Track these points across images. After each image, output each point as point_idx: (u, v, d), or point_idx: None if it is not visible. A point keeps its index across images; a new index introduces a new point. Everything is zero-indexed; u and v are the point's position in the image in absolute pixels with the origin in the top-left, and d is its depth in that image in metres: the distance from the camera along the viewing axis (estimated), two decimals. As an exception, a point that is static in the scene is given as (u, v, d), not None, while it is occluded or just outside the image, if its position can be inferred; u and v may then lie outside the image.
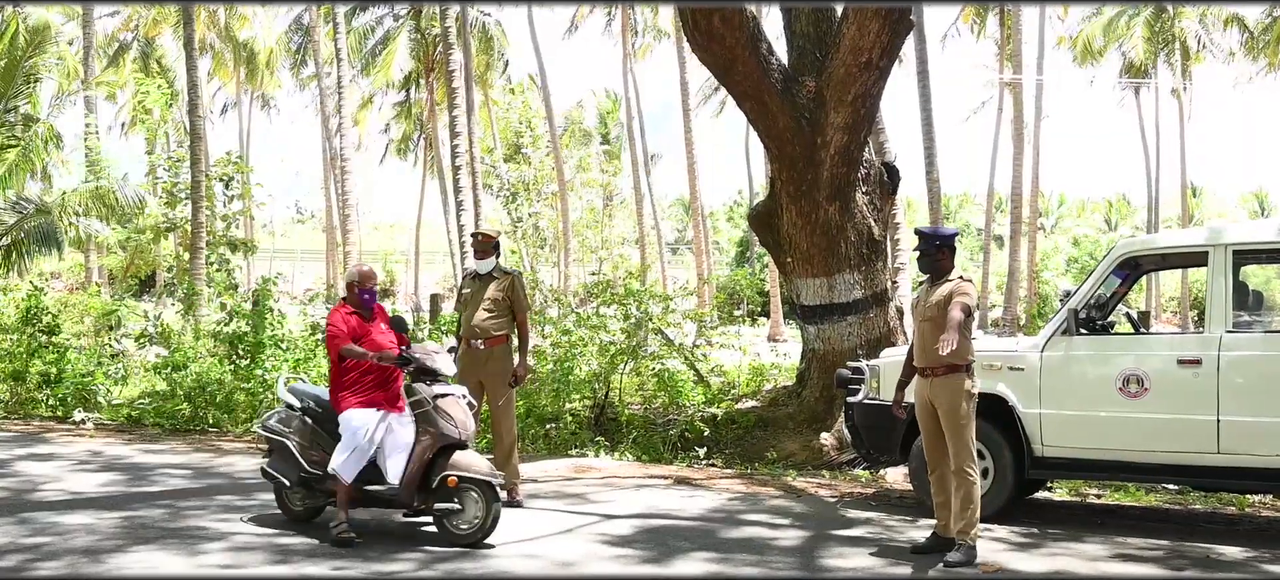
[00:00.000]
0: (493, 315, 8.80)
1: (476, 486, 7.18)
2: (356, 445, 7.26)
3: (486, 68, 43.15)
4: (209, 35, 44.25)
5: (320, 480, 7.52)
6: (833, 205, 11.73)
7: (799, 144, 11.51)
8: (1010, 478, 8.34)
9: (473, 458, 7.30)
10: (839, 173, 11.66)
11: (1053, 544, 7.72)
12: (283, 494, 7.94)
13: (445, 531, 7.24)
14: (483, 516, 7.17)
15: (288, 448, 7.69)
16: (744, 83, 11.51)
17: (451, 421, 7.27)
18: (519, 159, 41.73)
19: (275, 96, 53.06)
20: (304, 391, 8.03)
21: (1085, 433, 8.14)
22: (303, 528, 7.74)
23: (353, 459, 7.26)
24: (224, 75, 49.18)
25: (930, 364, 7.21)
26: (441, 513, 7.23)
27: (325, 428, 7.62)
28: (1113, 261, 8.39)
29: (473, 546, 7.15)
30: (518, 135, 42.13)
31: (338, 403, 7.47)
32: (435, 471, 7.23)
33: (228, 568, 6.68)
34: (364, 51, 40.01)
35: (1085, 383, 8.17)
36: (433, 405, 7.28)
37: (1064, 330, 8.23)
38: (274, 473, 7.82)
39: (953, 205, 76.03)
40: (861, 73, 11.22)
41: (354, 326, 7.54)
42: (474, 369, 8.80)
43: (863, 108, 11.53)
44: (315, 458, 7.56)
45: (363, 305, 7.68)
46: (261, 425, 8.12)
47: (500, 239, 9.19)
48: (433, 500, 7.26)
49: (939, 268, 7.37)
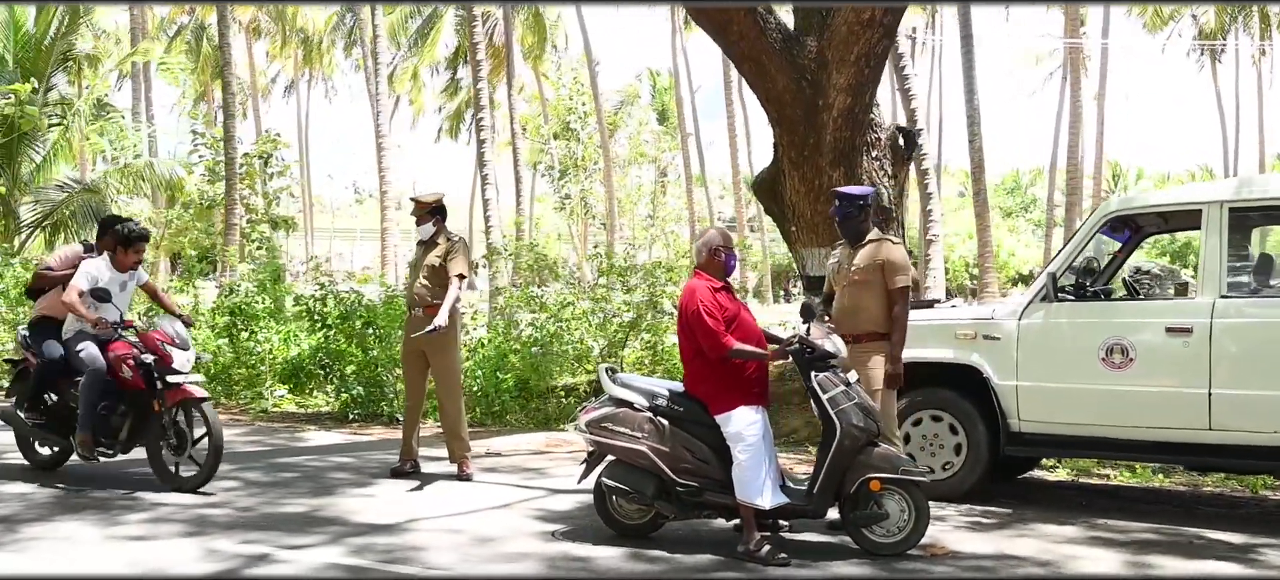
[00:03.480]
0: (429, 283, 8.44)
1: (901, 488, 6.22)
2: (759, 455, 6.16)
3: (538, 45, 42.88)
4: (263, 18, 44.49)
5: (695, 494, 6.35)
6: (837, 170, 11.18)
7: (799, 106, 11.00)
8: (985, 455, 7.76)
9: (890, 454, 6.33)
10: (842, 136, 11.10)
11: (1021, 525, 7.16)
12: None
13: (864, 541, 6.26)
14: (910, 522, 6.20)
15: (641, 454, 6.37)
16: (741, 43, 11.05)
17: (865, 414, 6.25)
18: (567, 135, 41.37)
19: (333, 78, 53.28)
20: (638, 384, 6.64)
21: (1065, 407, 7.55)
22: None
23: (764, 474, 6.15)
24: (282, 57, 49.49)
25: (850, 331, 6.88)
26: (860, 520, 6.24)
27: (690, 429, 6.36)
28: (1098, 221, 7.78)
29: (893, 556, 6.20)
30: (569, 111, 41.74)
31: (719, 399, 6.27)
32: (850, 475, 6.23)
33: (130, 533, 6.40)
34: (412, 31, 39.94)
35: (1065, 353, 7.57)
36: (848, 397, 6.24)
37: (1043, 296, 7.65)
38: (618, 485, 6.49)
39: (1023, 179, 74.38)
40: (864, 31, 10.66)
41: (725, 306, 6.34)
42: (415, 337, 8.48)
43: (867, 67, 10.96)
44: (688, 466, 6.33)
45: (726, 272, 6.56)
46: (588, 425, 6.60)
47: (442, 203, 8.79)
48: (850, 508, 6.26)
49: (860, 230, 7.10)
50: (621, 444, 6.44)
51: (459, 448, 8.45)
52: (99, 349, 7.94)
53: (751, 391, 6.31)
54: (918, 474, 6.27)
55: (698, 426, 6.37)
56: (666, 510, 6.44)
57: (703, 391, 6.35)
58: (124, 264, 8.17)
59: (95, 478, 8.31)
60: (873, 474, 6.18)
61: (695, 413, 6.38)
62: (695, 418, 6.38)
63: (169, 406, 7.77)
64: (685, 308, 6.39)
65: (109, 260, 8.15)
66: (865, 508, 6.23)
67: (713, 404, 6.30)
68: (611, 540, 6.52)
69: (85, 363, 7.90)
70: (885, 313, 6.91)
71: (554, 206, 43.20)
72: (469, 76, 43.06)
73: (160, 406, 7.78)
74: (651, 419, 6.41)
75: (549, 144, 41.36)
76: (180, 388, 7.79)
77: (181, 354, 7.86)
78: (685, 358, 6.52)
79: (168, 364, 7.79)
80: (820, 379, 6.32)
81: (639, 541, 6.50)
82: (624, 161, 46.62)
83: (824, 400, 6.28)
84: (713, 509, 6.44)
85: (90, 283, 7.93)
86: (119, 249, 8.15)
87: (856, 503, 6.24)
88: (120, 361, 7.90)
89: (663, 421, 6.40)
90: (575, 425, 6.82)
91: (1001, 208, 61.38)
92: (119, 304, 8.14)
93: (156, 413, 7.81)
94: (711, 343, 6.23)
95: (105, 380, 7.89)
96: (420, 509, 7.29)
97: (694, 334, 6.32)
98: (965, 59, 24.04)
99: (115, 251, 8.15)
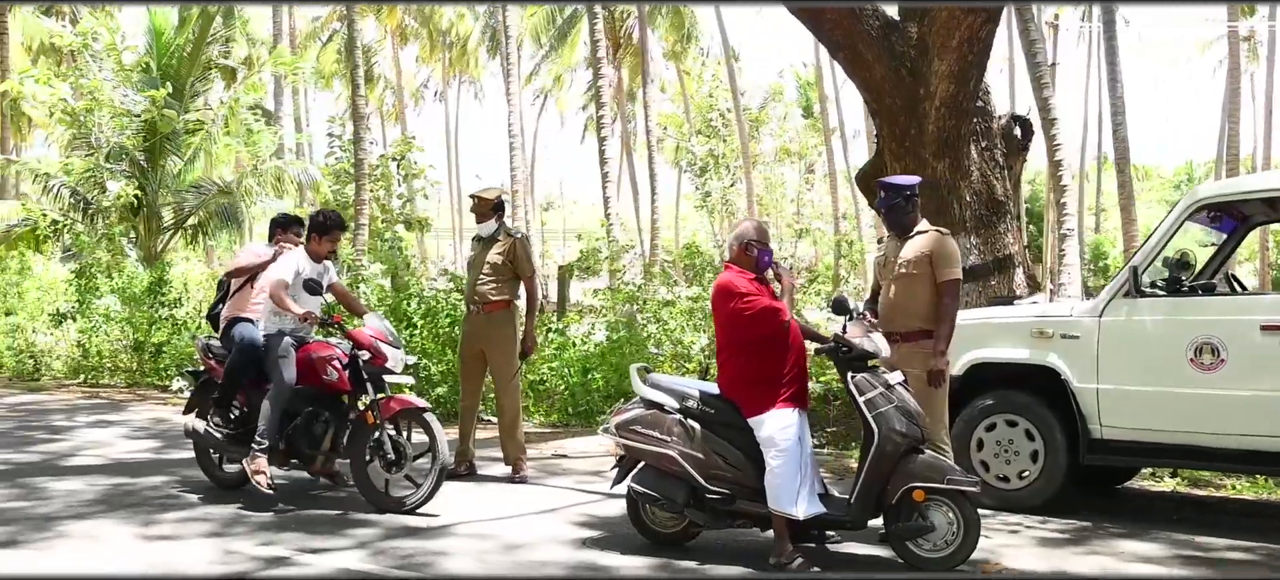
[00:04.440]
0: (492, 280, 8.27)
1: (949, 499, 5.78)
2: (794, 461, 5.77)
3: (680, 42, 42.67)
4: (410, 21, 45.44)
5: (727, 502, 5.97)
6: (941, 161, 10.67)
7: (899, 95, 10.55)
8: (1063, 463, 7.17)
9: (936, 462, 5.88)
10: (947, 126, 10.58)
11: (1097, 540, 6.59)
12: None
13: (907, 555, 5.86)
14: (959, 536, 5.75)
15: (672, 459, 6.03)
16: (835, 31, 10.69)
17: (907, 418, 5.84)
18: (709, 133, 40.98)
19: (480, 81, 54.11)
20: (669, 384, 6.29)
21: (1150, 411, 6.92)
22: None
23: (798, 482, 5.76)
24: (431, 61, 50.50)
25: (899, 329, 6.44)
26: (904, 533, 5.83)
27: (722, 433, 6.00)
28: (1185, 209, 7.07)
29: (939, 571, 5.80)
30: (710, 108, 41.36)
31: (753, 401, 5.91)
32: (892, 484, 5.84)
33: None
34: (552, 31, 40.22)
35: (1150, 352, 6.94)
36: (888, 399, 5.84)
37: (1125, 291, 7.03)
38: (648, 491, 6.12)
39: (1197, 172, 70.97)
40: (966, 15, 10.14)
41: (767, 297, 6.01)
42: (474, 336, 8.38)
43: (971, 53, 10.41)
44: (720, 473, 5.97)
45: (760, 268, 6.18)
46: (617, 427, 6.25)
47: (502, 200, 8.62)
48: (893, 519, 5.85)
49: (908, 222, 6.65)
50: (650, 448, 6.09)
51: (514, 449, 8.29)
52: (295, 351, 7.27)
53: (788, 393, 5.92)
54: (966, 483, 5.77)
55: (731, 430, 6.02)
56: (698, 519, 6.11)
57: (736, 393, 6.01)
58: (318, 253, 7.55)
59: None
60: (916, 483, 5.75)
61: (728, 415, 6.03)
62: (728, 420, 6.03)
63: (384, 419, 7.06)
64: (721, 300, 6.06)
65: (303, 253, 7.52)
66: (909, 519, 5.80)
67: (746, 406, 5.94)
68: (643, 549, 6.23)
69: (279, 370, 7.21)
70: (935, 309, 6.45)
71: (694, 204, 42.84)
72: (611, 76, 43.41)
73: (374, 418, 7.05)
74: (682, 422, 6.07)
75: (690, 141, 41.05)
76: (398, 398, 7.15)
77: (395, 353, 7.22)
78: (719, 357, 6.19)
79: (380, 364, 7.16)
80: (858, 380, 5.92)
81: (672, 551, 6.19)
82: (767, 159, 46.01)
83: (861, 403, 5.88)
84: (746, 518, 6.09)
85: (295, 274, 7.27)
86: (314, 237, 7.51)
87: (899, 514, 5.82)
88: (324, 362, 7.27)
89: (694, 424, 6.05)
90: (603, 427, 6.53)
91: (1167, 201, 58.57)
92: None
93: (369, 425, 7.08)
94: (771, 318, 5.89)
95: (301, 389, 7.26)
96: (459, 513, 7.11)
97: (734, 326, 6.00)
98: (1107, 46, 22.89)
99: (310, 240, 7.54)
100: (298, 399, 7.27)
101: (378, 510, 7.06)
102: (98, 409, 12.14)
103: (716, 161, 40.76)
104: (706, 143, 41.23)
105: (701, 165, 40.92)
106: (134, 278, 15.21)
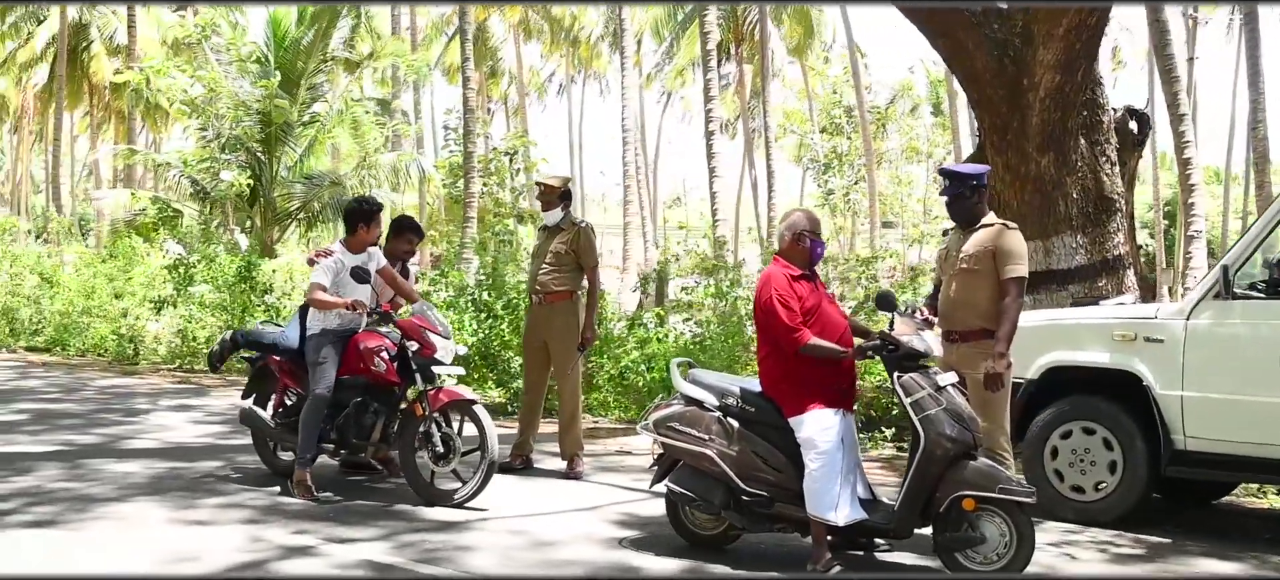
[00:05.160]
0: (555, 270, 8.05)
1: (1002, 509, 5.39)
2: (834, 464, 5.51)
3: (805, 38, 42.02)
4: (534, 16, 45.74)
5: (765, 504, 5.73)
6: (1046, 156, 10.16)
7: (1001, 86, 10.06)
8: (1144, 474, 6.65)
9: (988, 469, 5.46)
10: (1052, 118, 10.06)
11: (1175, 557, 6.13)
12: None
13: (956, 567, 5.49)
14: (1011, 548, 5.37)
15: (709, 458, 5.75)
16: (934, 19, 10.33)
17: (958, 423, 5.48)
18: (833, 130, 40.37)
19: (605, 76, 54.12)
20: (710, 381, 6.01)
21: (1240, 422, 6.37)
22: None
23: (838, 487, 5.48)
24: (553, 55, 50.83)
25: (959, 327, 6.07)
26: (952, 543, 5.48)
27: (762, 433, 5.74)
28: (1282, 205, 6.50)
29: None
30: (835, 105, 40.75)
31: (794, 400, 5.64)
32: (941, 491, 5.46)
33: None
34: (673, 24, 39.99)
35: (1241, 358, 6.41)
36: (937, 401, 5.47)
37: (1216, 293, 6.48)
38: (685, 491, 5.88)
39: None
40: (1072, 0, 9.64)
41: (803, 297, 5.73)
42: (537, 327, 8.19)
43: (1078, 41, 9.87)
44: (759, 474, 5.71)
45: (811, 261, 5.90)
46: (655, 425, 6.01)
47: (569, 188, 8.39)
48: (941, 529, 5.49)
49: (974, 214, 6.25)
50: (688, 446, 5.82)
51: (570, 445, 8.06)
52: (340, 350, 7.12)
53: (830, 393, 5.61)
54: (1021, 493, 5.36)
55: (771, 430, 5.73)
56: (736, 521, 5.82)
57: (777, 391, 5.71)
58: (360, 244, 7.30)
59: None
60: (967, 491, 5.36)
61: (768, 414, 5.74)
62: (768, 420, 5.74)
63: (433, 411, 6.91)
64: (758, 296, 5.77)
65: (342, 245, 7.33)
66: (958, 529, 5.42)
67: (787, 405, 5.65)
68: (679, 551, 5.96)
69: (316, 379, 7.06)
70: (997, 307, 6.02)
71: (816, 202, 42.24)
72: (733, 72, 42.96)
73: (423, 410, 6.90)
74: (721, 420, 5.79)
75: (813, 138, 40.49)
76: (447, 390, 7.02)
77: (444, 343, 7.03)
78: (760, 353, 5.89)
79: (429, 354, 6.99)
80: (905, 381, 5.55)
81: (707, 554, 5.91)
82: (894, 157, 45.14)
83: (908, 404, 5.51)
84: (786, 523, 5.77)
85: (330, 273, 7.09)
86: (360, 227, 7.27)
87: (948, 523, 5.44)
88: (371, 353, 7.09)
89: (733, 423, 5.77)
90: (642, 424, 6.26)
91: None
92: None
93: (418, 417, 6.94)
94: (785, 336, 5.61)
95: (351, 379, 7.12)
96: (499, 507, 6.89)
97: (768, 326, 5.70)
98: (1248, 39, 21.69)
99: (356, 231, 7.29)
100: (348, 389, 7.16)
101: (425, 503, 6.90)
102: (182, 394, 12.30)
103: (840, 159, 40.16)
104: (830, 139, 40.67)
105: (825, 162, 40.38)
106: (225, 265, 15.45)
